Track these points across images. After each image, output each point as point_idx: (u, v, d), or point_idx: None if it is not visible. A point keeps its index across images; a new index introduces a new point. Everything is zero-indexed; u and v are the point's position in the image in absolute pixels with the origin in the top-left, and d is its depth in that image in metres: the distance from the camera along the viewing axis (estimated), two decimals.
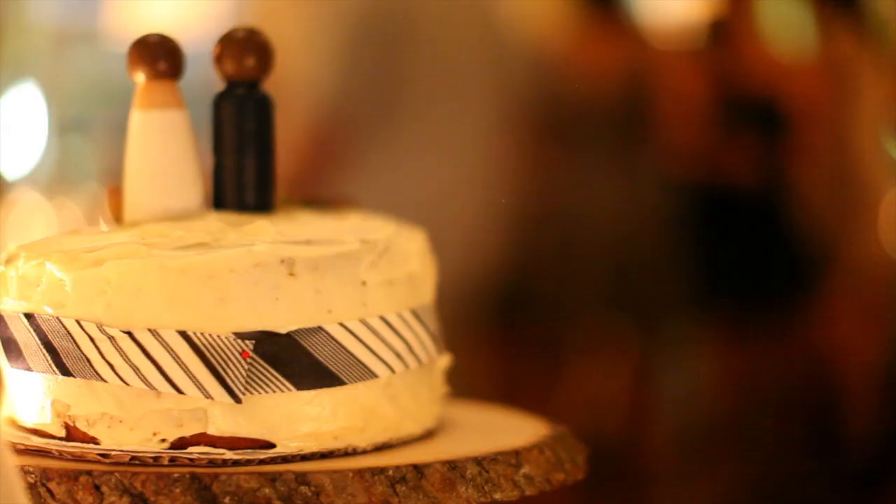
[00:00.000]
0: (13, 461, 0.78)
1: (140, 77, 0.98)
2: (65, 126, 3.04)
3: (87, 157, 3.04)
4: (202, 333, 0.89)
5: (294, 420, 0.91)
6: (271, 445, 0.91)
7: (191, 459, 0.90)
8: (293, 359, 0.91)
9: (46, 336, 0.92)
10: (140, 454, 0.90)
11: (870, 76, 2.64)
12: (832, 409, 2.58)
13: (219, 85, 1.02)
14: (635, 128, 2.71)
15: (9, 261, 0.96)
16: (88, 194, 2.71)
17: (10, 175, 2.90)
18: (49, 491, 0.88)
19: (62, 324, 0.91)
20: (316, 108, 2.55)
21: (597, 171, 2.70)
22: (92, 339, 0.90)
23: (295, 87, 2.50)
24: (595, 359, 2.65)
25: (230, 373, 0.89)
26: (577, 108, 2.72)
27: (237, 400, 0.89)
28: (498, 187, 2.65)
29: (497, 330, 2.68)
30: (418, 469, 0.90)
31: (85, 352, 0.91)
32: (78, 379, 0.91)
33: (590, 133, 2.71)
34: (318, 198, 1.09)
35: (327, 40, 2.56)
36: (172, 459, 0.90)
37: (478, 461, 0.91)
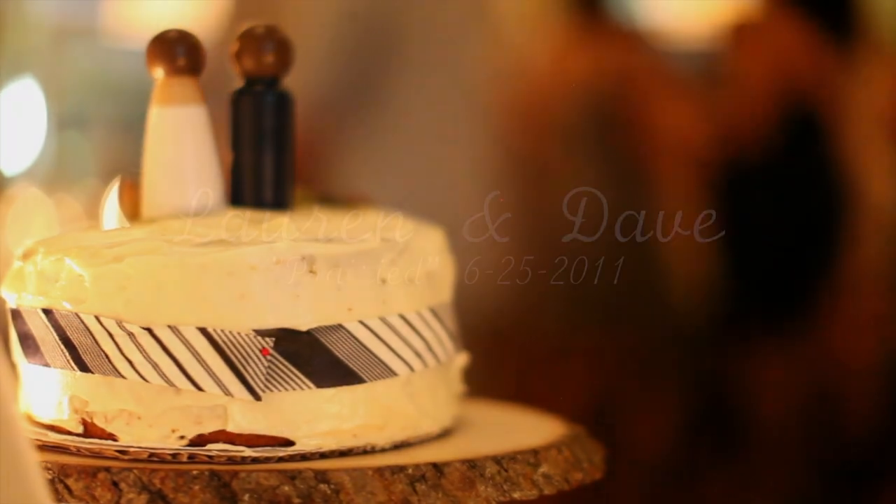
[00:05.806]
0: (35, 457, 0.77)
1: (159, 73, 0.97)
2: (64, 122, 3.04)
3: (86, 152, 3.03)
4: (222, 330, 0.89)
5: (314, 418, 0.91)
6: (290, 443, 0.91)
7: (210, 457, 0.89)
8: (313, 356, 0.90)
9: (65, 332, 0.91)
10: (158, 451, 0.90)
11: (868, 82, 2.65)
12: (833, 407, 2.58)
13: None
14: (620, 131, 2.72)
15: (27, 256, 0.95)
16: (87, 190, 2.70)
17: (9, 171, 2.89)
18: (67, 487, 0.88)
19: (81, 319, 0.91)
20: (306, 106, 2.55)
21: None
22: (111, 336, 0.90)
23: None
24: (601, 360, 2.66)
25: (250, 370, 0.89)
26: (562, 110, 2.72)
27: (257, 397, 0.89)
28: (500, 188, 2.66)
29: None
30: (438, 468, 0.89)
31: (104, 348, 0.90)
32: (96, 375, 0.91)
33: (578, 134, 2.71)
34: (335, 195, 1.08)
35: (317, 38, 2.56)
36: (191, 456, 0.90)
37: (497, 460, 0.91)
